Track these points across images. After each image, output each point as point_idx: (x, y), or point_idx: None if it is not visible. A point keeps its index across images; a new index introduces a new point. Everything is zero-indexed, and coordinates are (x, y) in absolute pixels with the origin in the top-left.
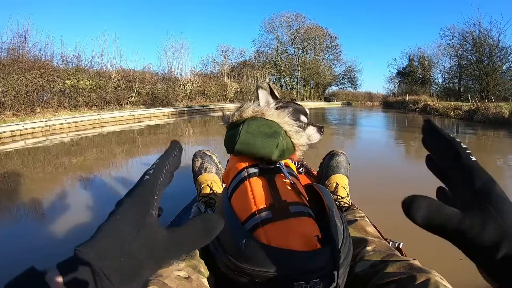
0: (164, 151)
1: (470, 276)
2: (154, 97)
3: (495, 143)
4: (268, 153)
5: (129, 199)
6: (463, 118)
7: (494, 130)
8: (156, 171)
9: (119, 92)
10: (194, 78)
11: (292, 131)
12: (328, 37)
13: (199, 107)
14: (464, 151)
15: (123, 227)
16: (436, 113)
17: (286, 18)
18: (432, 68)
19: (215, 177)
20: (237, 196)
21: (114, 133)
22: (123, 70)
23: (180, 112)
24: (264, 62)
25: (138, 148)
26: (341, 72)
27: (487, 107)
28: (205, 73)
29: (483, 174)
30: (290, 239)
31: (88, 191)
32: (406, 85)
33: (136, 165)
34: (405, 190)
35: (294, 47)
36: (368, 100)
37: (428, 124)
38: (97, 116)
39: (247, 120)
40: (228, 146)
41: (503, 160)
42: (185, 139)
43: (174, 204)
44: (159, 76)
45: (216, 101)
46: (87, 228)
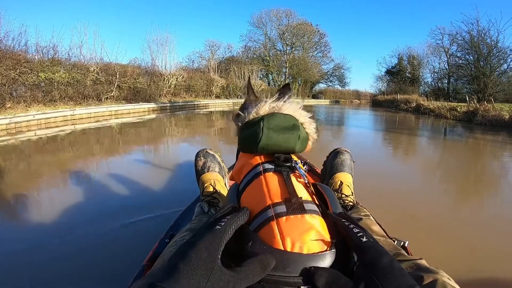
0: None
1: (478, 276)
2: (136, 92)
3: (494, 149)
4: (291, 146)
5: (202, 244)
6: (461, 120)
7: (495, 133)
8: (226, 225)
9: (98, 86)
10: (179, 72)
11: (306, 122)
12: (317, 34)
13: (183, 102)
14: (355, 235)
15: (198, 270)
16: (431, 114)
17: (275, 14)
18: (422, 68)
19: (218, 176)
20: (250, 190)
21: (84, 133)
22: (103, 63)
23: (162, 108)
24: (252, 58)
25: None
26: (330, 69)
27: (486, 109)
28: (191, 68)
29: (372, 251)
30: (304, 234)
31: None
32: (395, 84)
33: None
34: (402, 187)
35: (282, 43)
36: (356, 98)
37: (331, 217)
38: (69, 112)
39: (265, 117)
40: (249, 145)
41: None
42: (168, 138)
43: (177, 203)
44: (141, 70)
45: (201, 97)
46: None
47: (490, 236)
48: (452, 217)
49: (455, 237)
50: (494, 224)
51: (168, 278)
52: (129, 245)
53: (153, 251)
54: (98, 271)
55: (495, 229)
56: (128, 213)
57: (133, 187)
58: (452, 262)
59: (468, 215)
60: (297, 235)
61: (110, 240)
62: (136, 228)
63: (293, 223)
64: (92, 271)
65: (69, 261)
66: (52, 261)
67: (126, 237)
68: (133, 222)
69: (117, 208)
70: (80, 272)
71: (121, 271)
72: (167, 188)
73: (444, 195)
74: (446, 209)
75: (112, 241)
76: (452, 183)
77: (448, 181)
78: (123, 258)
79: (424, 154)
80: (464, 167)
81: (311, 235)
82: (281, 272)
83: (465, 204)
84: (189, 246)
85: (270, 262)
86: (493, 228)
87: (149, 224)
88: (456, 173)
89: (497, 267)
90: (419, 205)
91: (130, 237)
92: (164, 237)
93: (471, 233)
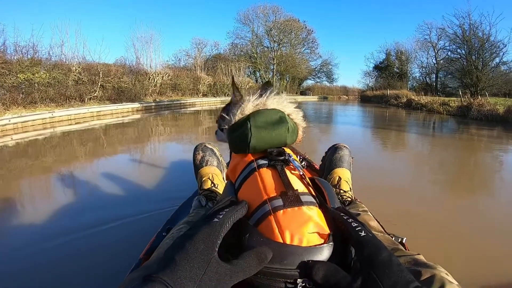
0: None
1: (476, 271)
2: (120, 92)
3: (493, 144)
4: (282, 140)
5: (200, 236)
6: (455, 115)
7: (491, 128)
8: (225, 218)
9: (80, 86)
10: (165, 70)
11: (293, 112)
12: (305, 30)
13: (168, 101)
14: (354, 229)
15: (194, 262)
16: (423, 109)
17: (262, 10)
18: (410, 63)
19: (217, 170)
20: (246, 187)
21: (68, 135)
22: (85, 62)
23: (147, 107)
24: (239, 55)
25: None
26: (317, 66)
27: (481, 103)
28: (178, 66)
29: (370, 246)
30: (303, 227)
31: None
32: (384, 79)
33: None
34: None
35: (270, 39)
36: (344, 94)
37: (330, 211)
38: (48, 114)
39: (251, 115)
40: (239, 147)
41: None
42: (157, 137)
43: (175, 197)
44: (126, 69)
45: (188, 95)
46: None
47: (491, 234)
48: (450, 213)
49: (454, 235)
50: (493, 219)
51: (164, 269)
52: (128, 243)
53: (150, 244)
54: (96, 272)
55: (494, 225)
56: (125, 212)
57: (127, 186)
58: (450, 258)
59: (466, 210)
60: (296, 227)
61: (109, 240)
62: (134, 226)
63: (291, 215)
64: (90, 271)
65: (68, 263)
66: (51, 263)
67: (124, 236)
68: (131, 220)
69: (113, 207)
70: (77, 274)
71: (119, 269)
72: (160, 186)
73: (441, 191)
74: (443, 204)
75: (111, 240)
76: (451, 178)
77: (447, 177)
78: (121, 256)
79: (425, 150)
80: (460, 162)
81: (309, 226)
82: (278, 264)
83: (463, 199)
84: (186, 239)
85: (267, 254)
86: (492, 224)
87: (146, 222)
88: (454, 168)
89: (497, 264)
90: (414, 200)
91: (128, 235)
92: (161, 231)
93: (471, 231)
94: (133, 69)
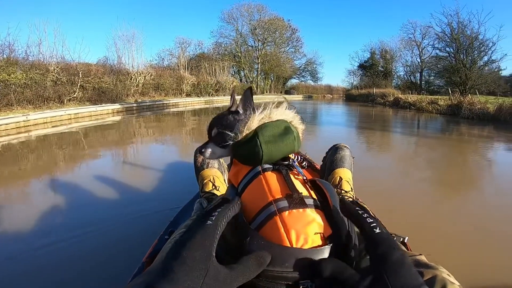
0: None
1: (478, 272)
2: (101, 92)
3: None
4: (291, 149)
5: (195, 243)
6: (445, 114)
7: (482, 127)
8: (218, 219)
9: (59, 87)
10: (147, 70)
11: (294, 118)
12: (289, 29)
13: (150, 102)
14: (369, 225)
15: (192, 271)
16: (412, 108)
17: (246, 9)
18: (394, 62)
19: (218, 173)
20: (250, 189)
21: (45, 140)
22: (64, 62)
23: (128, 108)
24: (223, 54)
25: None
26: (302, 65)
27: (471, 101)
28: (161, 66)
29: (385, 244)
30: (307, 227)
31: None
32: (368, 78)
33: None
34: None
35: (254, 38)
36: (328, 93)
37: (343, 204)
38: (22, 118)
39: (258, 131)
40: (250, 162)
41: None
42: (146, 140)
43: (177, 200)
44: (107, 68)
45: (171, 95)
46: None
47: (492, 236)
48: (450, 213)
49: (453, 234)
50: (495, 217)
51: (163, 279)
52: (130, 244)
53: (153, 248)
54: (99, 273)
55: (497, 223)
56: (125, 213)
57: (123, 188)
58: (452, 259)
59: (465, 209)
60: (301, 228)
61: (109, 240)
62: (135, 227)
63: (296, 216)
64: (93, 273)
65: (69, 265)
66: (51, 266)
67: (125, 236)
68: (132, 220)
69: (112, 209)
70: (80, 276)
71: (122, 270)
72: (160, 188)
73: (439, 191)
74: (440, 205)
75: (112, 241)
76: (456, 178)
77: (452, 177)
78: (124, 257)
79: (418, 150)
80: (454, 161)
81: (313, 228)
82: (279, 267)
83: (461, 199)
84: (182, 246)
85: (266, 258)
86: (495, 223)
87: (145, 222)
88: (450, 167)
89: (496, 262)
90: (414, 202)
91: (129, 236)
92: (163, 234)
93: (469, 229)
94: (115, 68)
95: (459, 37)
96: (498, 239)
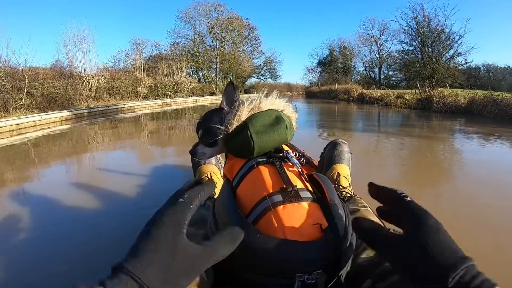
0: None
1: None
2: (51, 98)
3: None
4: (283, 138)
5: (164, 219)
6: (415, 108)
7: (455, 120)
8: (190, 196)
9: (4, 94)
10: (101, 73)
11: (285, 107)
12: (248, 28)
13: (103, 107)
14: (399, 195)
15: (160, 248)
16: (380, 103)
17: (204, 7)
18: (353, 58)
19: (215, 169)
20: (245, 184)
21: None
22: (9, 66)
23: (78, 115)
24: (180, 55)
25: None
26: (261, 63)
27: (441, 95)
28: (117, 68)
29: (416, 209)
30: (303, 222)
31: None
32: (328, 75)
33: None
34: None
35: (212, 38)
36: (288, 91)
37: (372, 186)
38: None
39: (248, 121)
40: (242, 154)
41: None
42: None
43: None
44: (56, 72)
45: (127, 99)
46: None
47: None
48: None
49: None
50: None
51: (129, 259)
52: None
53: None
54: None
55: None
56: (126, 212)
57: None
58: None
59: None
60: (296, 222)
61: (110, 241)
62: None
63: (290, 210)
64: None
65: (71, 267)
66: (48, 264)
67: (128, 237)
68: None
69: (112, 205)
70: (82, 278)
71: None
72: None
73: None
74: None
75: (113, 242)
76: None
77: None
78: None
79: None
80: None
81: (309, 221)
82: (276, 260)
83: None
84: (150, 224)
85: (239, 235)
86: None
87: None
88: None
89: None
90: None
91: (131, 236)
92: None
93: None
94: (65, 72)
95: (425, 31)
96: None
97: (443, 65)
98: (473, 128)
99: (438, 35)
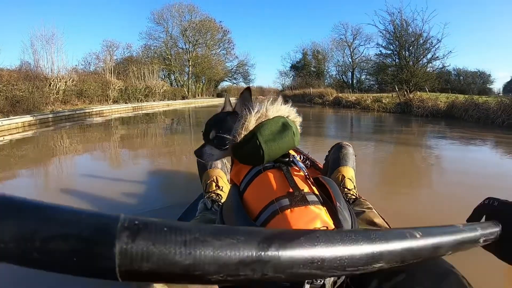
0: None
1: (484, 267)
2: (15, 102)
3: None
4: (291, 145)
5: None
6: (394, 112)
7: (436, 123)
8: None
9: None
10: (69, 75)
11: (291, 112)
12: (221, 31)
13: (70, 111)
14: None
15: None
16: (357, 107)
17: (177, 9)
18: (326, 62)
19: (221, 173)
20: (252, 189)
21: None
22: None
23: (43, 120)
24: (152, 57)
25: None
26: (234, 67)
27: (421, 99)
28: (88, 71)
29: None
30: (310, 224)
31: None
32: (301, 79)
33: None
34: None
35: (185, 40)
36: (260, 94)
37: (489, 201)
38: None
39: (256, 131)
40: (252, 162)
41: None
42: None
43: (181, 200)
44: (22, 73)
45: (96, 102)
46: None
47: None
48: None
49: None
50: None
51: None
52: None
53: None
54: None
55: None
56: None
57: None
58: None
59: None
60: (303, 225)
61: None
62: None
63: (298, 214)
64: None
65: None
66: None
67: None
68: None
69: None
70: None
71: None
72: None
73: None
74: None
75: None
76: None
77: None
78: None
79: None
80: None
81: (317, 224)
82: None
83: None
84: None
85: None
86: None
87: None
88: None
89: None
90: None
91: None
92: None
93: None
94: (31, 73)
95: (402, 35)
96: None
97: (421, 69)
98: (467, 133)
99: (416, 39)
